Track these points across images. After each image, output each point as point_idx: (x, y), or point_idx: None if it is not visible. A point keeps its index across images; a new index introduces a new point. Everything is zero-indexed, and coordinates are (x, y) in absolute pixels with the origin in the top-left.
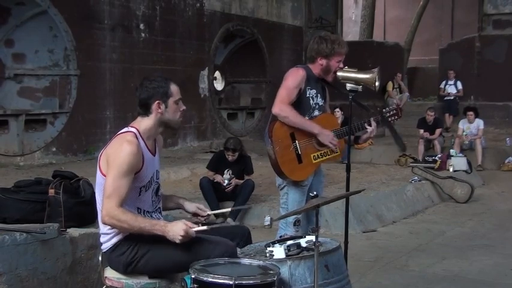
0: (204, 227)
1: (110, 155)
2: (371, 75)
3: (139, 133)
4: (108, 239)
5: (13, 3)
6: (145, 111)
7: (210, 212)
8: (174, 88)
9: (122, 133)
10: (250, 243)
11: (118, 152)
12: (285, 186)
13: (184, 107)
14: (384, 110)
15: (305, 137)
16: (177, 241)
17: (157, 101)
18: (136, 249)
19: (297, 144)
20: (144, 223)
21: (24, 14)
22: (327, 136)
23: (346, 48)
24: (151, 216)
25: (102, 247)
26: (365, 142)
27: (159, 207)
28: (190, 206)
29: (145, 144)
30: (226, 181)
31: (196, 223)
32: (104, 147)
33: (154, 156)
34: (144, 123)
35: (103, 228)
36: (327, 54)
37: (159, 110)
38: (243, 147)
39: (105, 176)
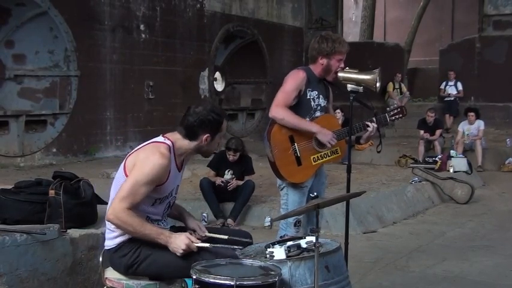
0: (207, 245)
1: (139, 159)
2: (372, 76)
3: (173, 147)
4: (112, 237)
5: (13, 4)
6: (190, 136)
7: (208, 234)
8: (225, 124)
9: (156, 142)
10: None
11: (149, 160)
12: (284, 187)
13: (223, 140)
14: (387, 108)
15: (304, 139)
16: (178, 254)
17: (207, 135)
18: (139, 252)
19: (296, 147)
20: (149, 230)
21: (24, 14)
22: (325, 135)
23: (347, 47)
24: (157, 223)
25: (105, 244)
26: (366, 142)
27: (166, 215)
28: (192, 223)
29: (175, 159)
30: (224, 179)
31: (199, 239)
32: (133, 149)
33: (179, 172)
34: (182, 142)
35: (109, 225)
36: (327, 53)
37: (205, 142)
38: (244, 147)
39: (127, 177)
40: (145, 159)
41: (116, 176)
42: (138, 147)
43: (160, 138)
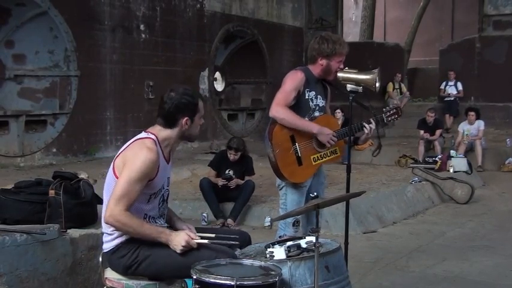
0: (206, 241)
1: (127, 158)
2: (371, 76)
3: (157, 140)
4: (110, 240)
5: (13, 4)
6: (170, 124)
7: (198, 240)
8: (201, 104)
9: (140, 138)
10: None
11: (138, 157)
12: (283, 186)
13: (203, 121)
14: (383, 109)
15: (305, 139)
16: (178, 251)
17: (186, 118)
18: (137, 252)
19: (297, 147)
20: (150, 230)
21: (24, 14)
22: (325, 135)
23: (347, 48)
24: (155, 222)
25: (104, 247)
26: (364, 143)
27: (165, 214)
28: (182, 226)
29: (162, 152)
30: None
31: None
32: (120, 151)
33: (168, 164)
34: (165, 133)
35: (106, 228)
36: (328, 54)
37: (186, 126)
38: (246, 147)
39: (118, 178)
40: (134, 157)
41: (106, 179)
42: (124, 146)
43: (143, 134)
